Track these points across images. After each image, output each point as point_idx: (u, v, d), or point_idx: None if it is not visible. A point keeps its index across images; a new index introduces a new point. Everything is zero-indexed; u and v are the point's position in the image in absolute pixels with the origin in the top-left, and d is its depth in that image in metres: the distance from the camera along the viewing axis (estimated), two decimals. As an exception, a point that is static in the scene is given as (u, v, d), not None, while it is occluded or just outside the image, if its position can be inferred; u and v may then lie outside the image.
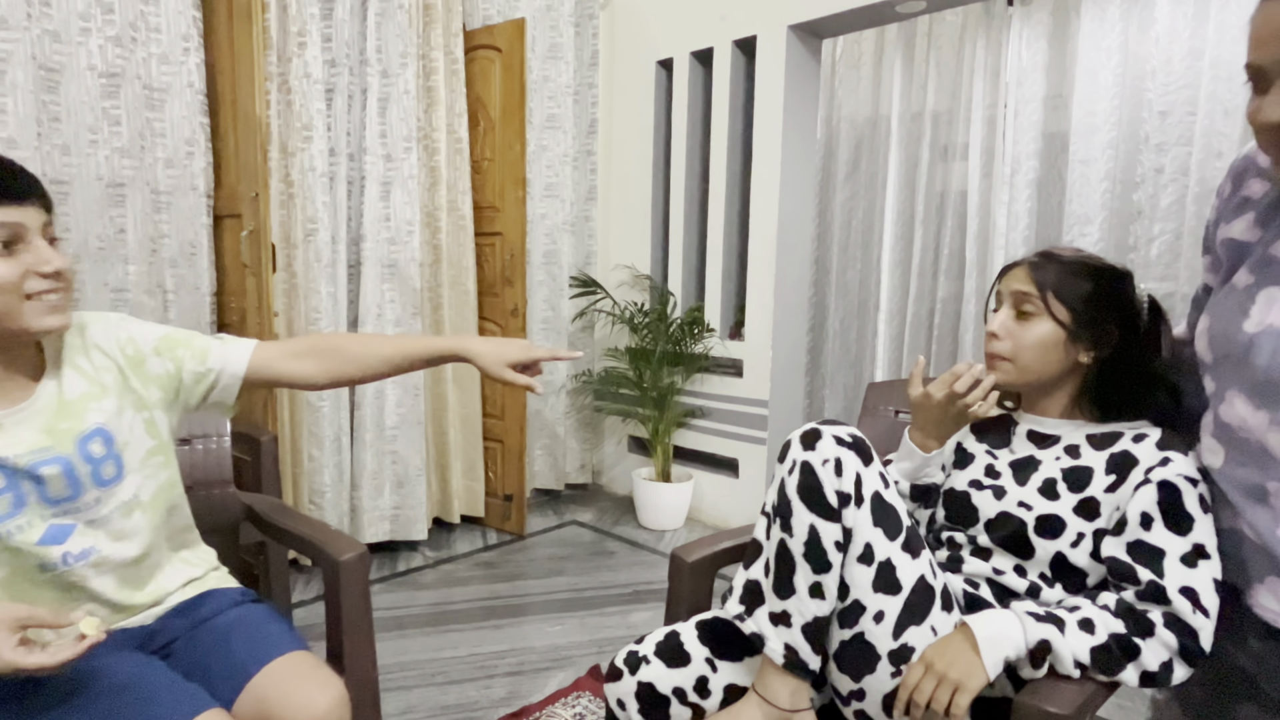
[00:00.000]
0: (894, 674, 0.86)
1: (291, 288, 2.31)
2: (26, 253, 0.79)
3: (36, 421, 0.84)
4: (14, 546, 0.82)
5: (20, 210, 0.78)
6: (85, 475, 0.86)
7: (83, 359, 0.90)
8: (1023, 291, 0.97)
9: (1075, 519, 0.92)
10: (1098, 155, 2.50)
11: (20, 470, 0.81)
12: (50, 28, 1.87)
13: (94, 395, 0.89)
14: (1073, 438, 0.99)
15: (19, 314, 0.79)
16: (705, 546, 1.15)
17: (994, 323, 0.99)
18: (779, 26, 2.68)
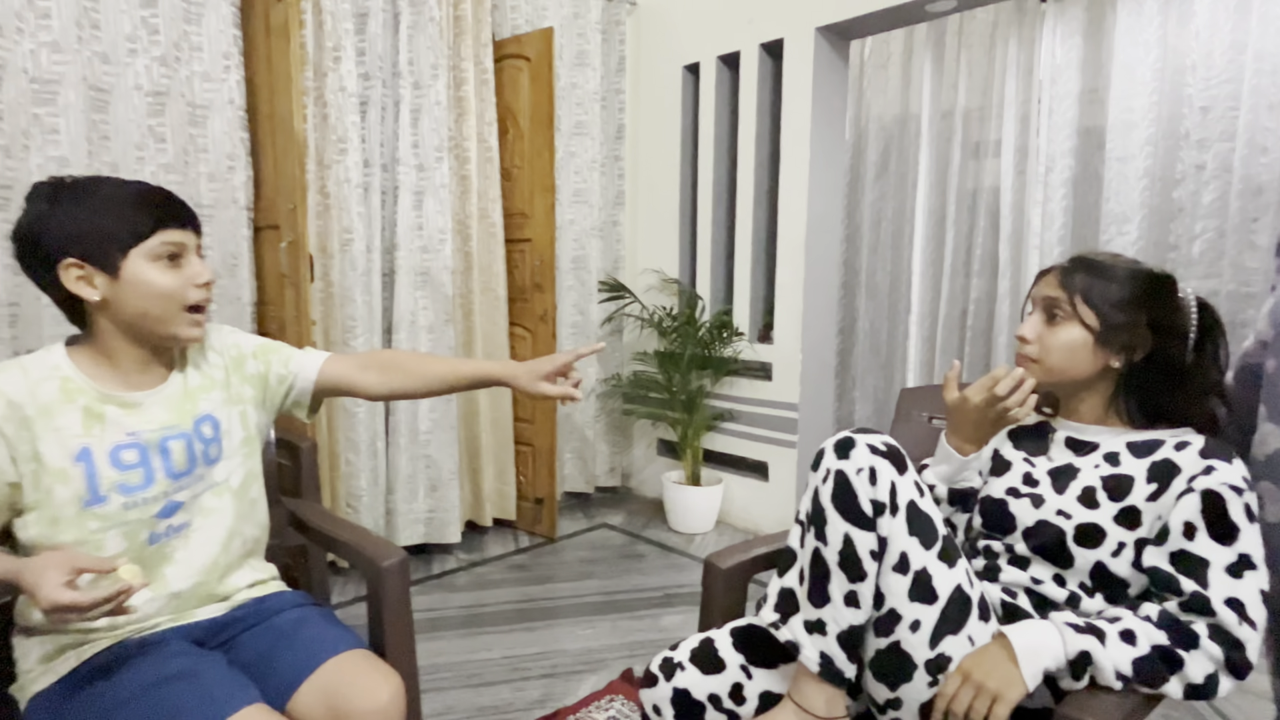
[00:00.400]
0: (931, 683, 0.86)
1: (328, 297, 2.37)
2: (187, 267, 0.93)
3: (168, 404, 0.98)
4: (136, 519, 0.93)
5: (183, 233, 0.93)
6: (199, 452, 0.99)
7: (201, 358, 1.05)
8: (1052, 297, 0.97)
9: (1116, 528, 0.91)
10: (1136, 152, 2.45)
11: (153, 444, 0.95)
12: (99, 49, 1.95)
13: (206, 387, 1.03)
14: (1112, 445, 0.97)
15: (174, 321, 0.93)
16: (739, 553, 1.15)
17: (1024, 327, 1.00)
18: (806, 29, 2.67)
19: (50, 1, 1.84)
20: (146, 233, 0.90)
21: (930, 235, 3.10)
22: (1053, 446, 1.04)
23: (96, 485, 0.90)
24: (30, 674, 0.91)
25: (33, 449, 0.88)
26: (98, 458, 0.90)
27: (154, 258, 0.90)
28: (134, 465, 0.93)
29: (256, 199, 2.28)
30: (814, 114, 2.70)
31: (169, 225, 0.91)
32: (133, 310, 0.91)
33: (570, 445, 3.20)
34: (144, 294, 0.90)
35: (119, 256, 0.89)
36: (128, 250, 0.89)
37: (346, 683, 0.93)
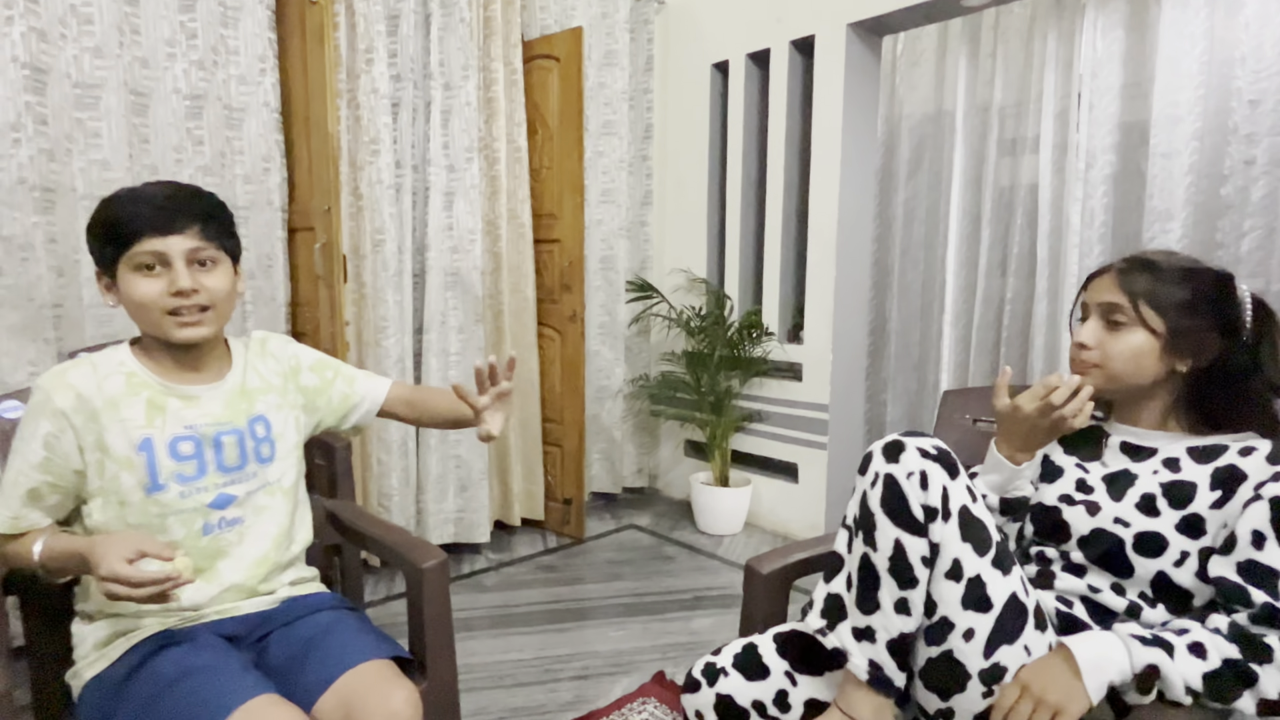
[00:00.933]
0: (985, 694, 0.83)
1: (360, 297, 2.39)
2: (167, 275, 0.94)
3: (224, 399, 1.03)
4: (191, 508, 0.98)
5: (164, 239, 0.93)
6: (251, 450, 1.04)
7: (261, 363, 1.11)
8: (1111, 302, 0.93)
9: (1178, 537, 0.87)
10: (1181, 147, 2.37)
11: (207, 438, 1.00)
12: (139, 54, 1.98)
13: (264, 390, 1.08)
14: (1171, 450, 0.94)
15: (161, 326, 0.96)
16: (780, 558, 1.13)
17: (1083, 333, 0.96)
18: (838, 25, 2.64)
19: (93, 7, 1.87)
20: (127, 243, 0.93)
21: (965, 234, 3.04)
22: (1106, 451, 1.01)
23: (156, 473, 0.96)
24: (86, 660, 0.96)
25: (99, 439, 0.94)
26: (158, 448, 0.96)
27: (134, 267, 0.94)
28: (189, 456, 0.99)
29: (291, 201, 2.31)
30: (845, 112, 2.66)
31: (146, 235, 0.93)
32: (132, 316, 0.97)
33: (598, 446, 3.20)
34: (131, 302, 0.95)
35: (114, 267, 0.95)
36: (116, 261, 0.94)
37: (363, 691, 0.94)
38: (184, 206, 0.96)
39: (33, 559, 0.91)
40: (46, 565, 0.91)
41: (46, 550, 0.91)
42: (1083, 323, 0.99)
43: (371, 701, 0.93)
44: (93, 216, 0.96)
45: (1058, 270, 2.70)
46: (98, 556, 0.83)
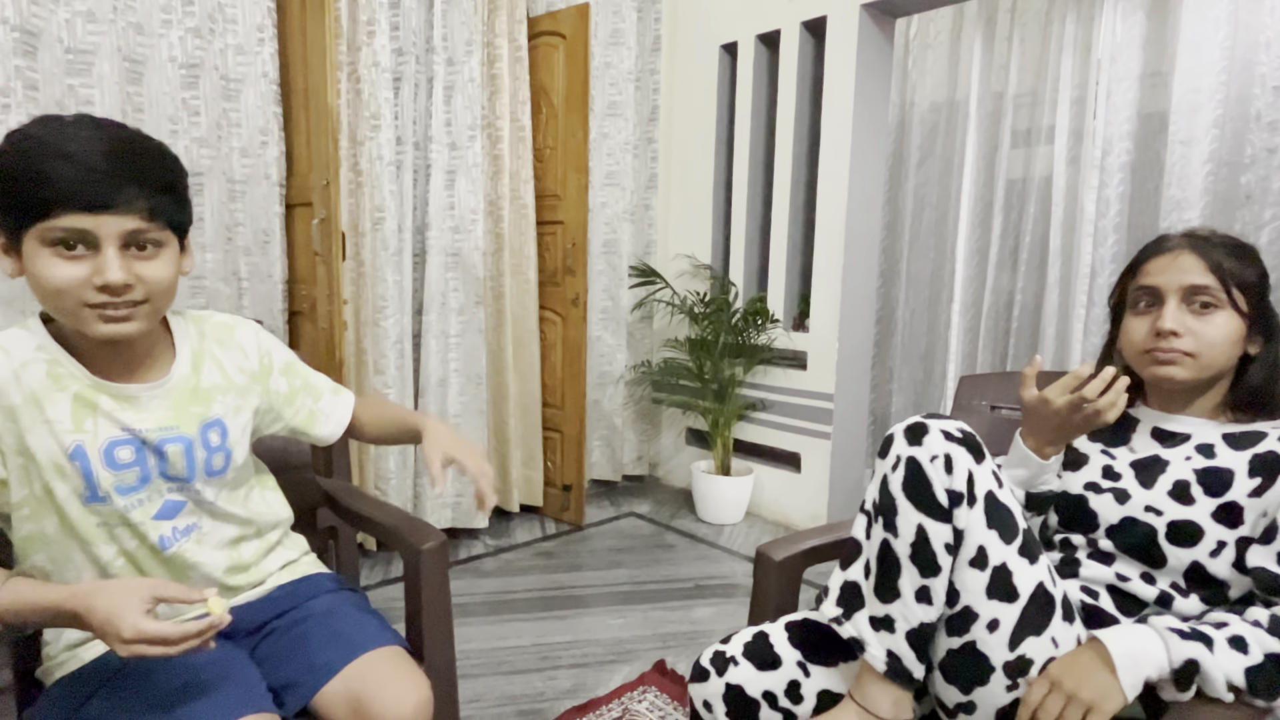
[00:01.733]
0: (1009, 687, 0.79)
1: (359, 275, 2.34)
2: (94, 259, 0.75)
3: (169, 400, 0.88)
4: (134, 521, 0.85)
5: (94, 219, 0.73)
6: (200, 461, 0.89)
7: (223, 353, 0.95)
8: (1198, 284, 0.86)
9: (1215, 526, 0.83)
10: (1201, 135, 2.32)
11: (149, 444, 0.85)
12: (134, 20, 1.92)
13: (224, 388, 0.93)
14: (1206, 436, 0.90)
15: (78, 319, 0.77)
16: (792, 544, 1.09)
17: (1169, 319, 0.87)
18: (851, 6, 2.57)
19: (86, -30, 1.81)
20: (41, 214, 0.72)
21: (976, 222, 2.99)
22: (1135, 437, 0.97)
23: (95, 485, 0.81)
24: (55, 660, 0.87)
25: (19, 442, 0.78)
26: (92, 457, 0.81)
27: (48, 242, 0.73)
28: (129, 464, 0.84)
29: (289, 175, 2.25)
30: (857, 96, 2.60)
31: (70, 209, 0.72)
32: (40, 298, 0.77)
33: (598, 433, 3.16)
34: (37, 283, 0.75)
35: (20, 233, 0.74)
36: (23, 228, 0.73)
37: (374, 685, 0.88)
38: (129, 172, 0.75)
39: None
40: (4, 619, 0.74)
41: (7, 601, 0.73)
42: (1139, 310, 0.92)
43: (384, 698, 0.87)
44: (12, 158, 0.73)
45: (1070, 260, 2.65)
46: (102, 612, 0.69)
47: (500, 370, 2.73)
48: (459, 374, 2.55)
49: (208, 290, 2.12)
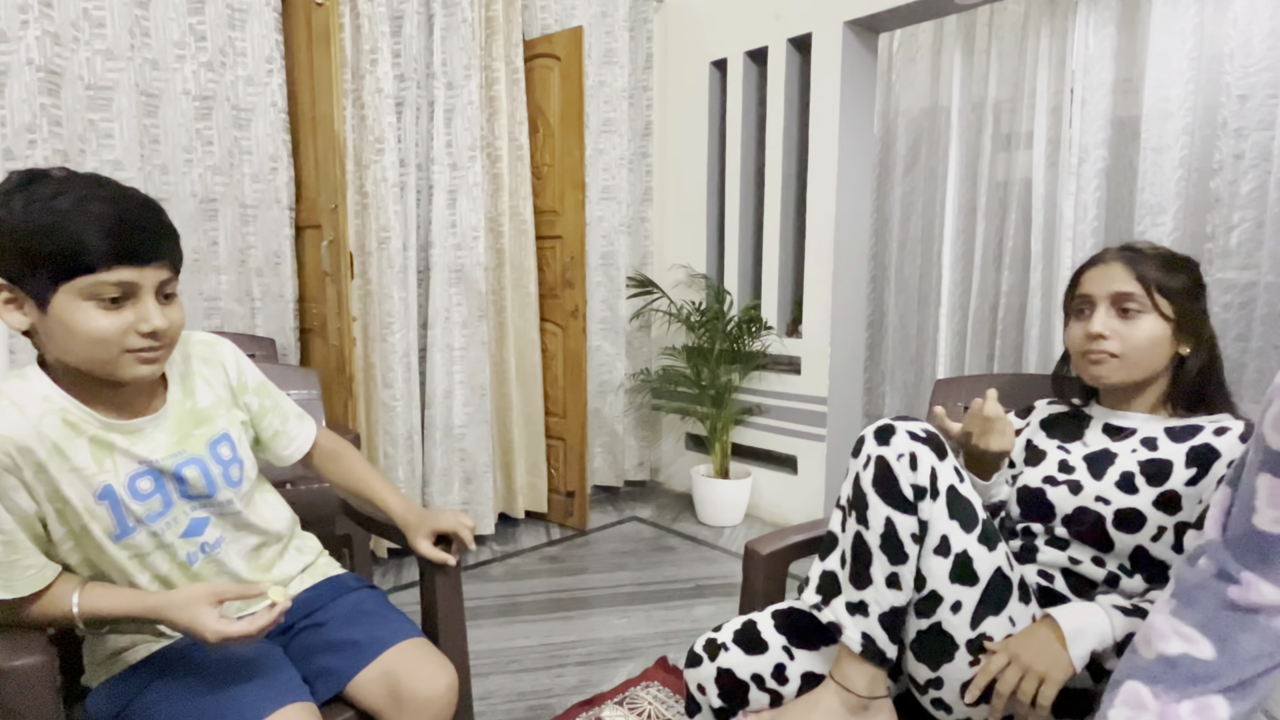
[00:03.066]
0: (972, 663, 0.88)
1: (366, 294, 2.43)
2: (133, 309, 0.81)
3: (169, 426, 0.93)
4: (167, 542, 0.92)
5: (138, 271, 0.80)
6: (218, 475, 0.95)
7: (209, 372, 1.00)
8: (1125, 291, 0.96)
9: (1156, 512, 0.92)
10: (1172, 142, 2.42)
11: (166, 472, 0.91)
12: (150, 56, 2.02)
13: (222, 403, 1.00)
14: (1150, 430, 0.99)
15: (115, 365, 0.82)
16: (778, 539, 1.18)
17: (1096, 323, 0.97)
18: (835, 23, 2.67)
19: (105, 11, 1.91)
20: (87, 268, 0.76)
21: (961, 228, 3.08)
22: (1088, 432, 1.05)
23: (124, 519, 0.87)
24: (103, 665, 0.94)
25: (53, 490, 0.82)
26: (119, 493, 0.86)
27: (87, 296, 0.77)
28: (151, 493, 0.89)
29: (298, 199, 2.35)
30: (843, 108, 2.70)
31: (119, 263, 0.77)
32: (60, 349, 0.80)
33: (600, 439, 3.24)
34: (73, 336, 0.78)
35: (49, 288, 0.76)
36: (59, 283, 0.76)
37: (409, 669, 0.97)
38: (161, 228, 0.82)
39: (68, 611, 0.82)
40: (86, 619, 0.83)
41: (87, 603, 0.82)
42: (1080, 316, 1.01)
43: (418, 680, 0.96)
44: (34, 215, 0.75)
45: (1051, 263, 2.74)
46: (182, 625, 0.80)
47: (503, 381, 2.82)
48: (464, 386, 2.64)
49: (222, 311, 2.21)
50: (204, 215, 2.14)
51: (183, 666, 0.91)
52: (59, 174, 0.79)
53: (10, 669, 0.79)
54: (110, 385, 0.85)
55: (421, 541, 1.08)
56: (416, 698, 0.95)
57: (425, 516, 1.10)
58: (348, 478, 1.17)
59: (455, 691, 1.00)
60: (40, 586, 0.83)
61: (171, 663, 0.92)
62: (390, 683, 0.96)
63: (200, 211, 2.13)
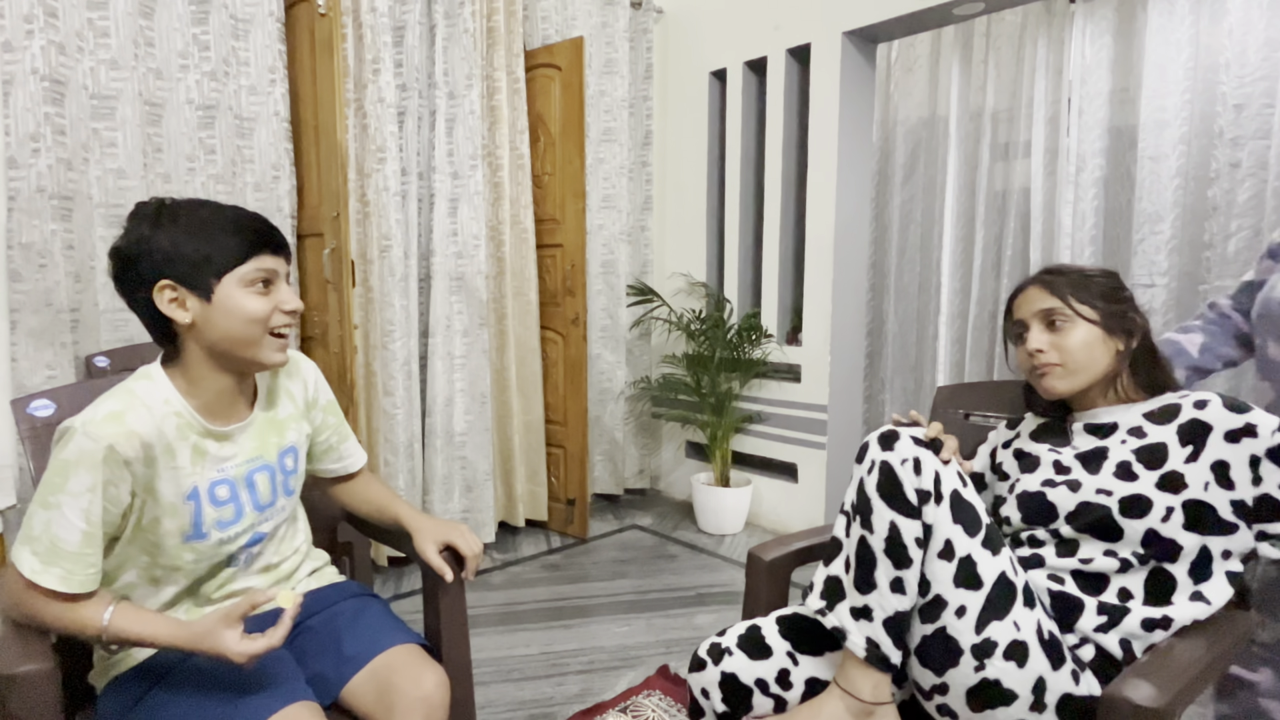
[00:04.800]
0: (976, 668, 0.88)
1: (368, 301, 2.44)
2: (276, 293, 0.93)
3: (253, 433, 1.01)
4: (227, 552, 0.97)
5: (275, 259, 0.93)
6: (280, 484, 1.03)
7: (291, 385, 1.08)
8: (1047, 308, 1.03)
9: (1160, 494, 0.93)
10: (1169, 151, 2.43)
11: (240, 479, 0.98)
12: (154, 66, 2.03)
13: (295, 417, 1.07)
14: (1130, 420, 1.01)
15: (259, 345, 0.93)
16: (781, 546, 1.18)
17: (1032, 341, 1.04)
18: (833, 33, 2.70)
19: (110, 21, 1.93)
20: (241, 258, 0.90)
21: (959, 237, 3.10)
22: (1075, 436, 1.06)
23: (201, 522, 0.93)
24: (110, 660, 0.96)
25: (150, 484, 0.89)
26: (203, 496, 0.94)
27: (247, 283, 0.90)
28: (226, 501, 0.96)
29: (300, 207, 2.36)
30: (841, 118, 2.72)
31: (263, 251, 0.91)
32: (220, 333, 0.90)
33: (600, 447, 3.24)
34: (234, 317, 0.90)
35: (213, 280, 0.89)
36: (222, 274, 0.89)
37: (396, 671, 0.99)
38: (276, 228, 0.97)
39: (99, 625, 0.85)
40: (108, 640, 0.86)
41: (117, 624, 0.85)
42: (1019, 341, 1.08)
43: (405, 682, 0.97)
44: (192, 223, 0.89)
45: (1050, 271, 2.75)
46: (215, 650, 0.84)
47: (504, 389, 2.83)
48: (464, 394, 2.64)
49: (224, 319, 2.21)
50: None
51: (189, 667, 0.92)
52: (175, 199, 0.92)
53: (14, 676, 0.79)
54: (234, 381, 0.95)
55: (429, 546, 1.09)
56: (405, 699, 0.97)
57: (438, 525, 1.12)
58: (365, 499, 1.20)
59: (445, 691, 1.00)
60: (91, 589, 0.87)
61: (177, 662, 0.93)
62: (379, 685, 0.98)
63: (202, 220, 2.14)
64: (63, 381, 1.89)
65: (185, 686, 0.91)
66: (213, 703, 0.88)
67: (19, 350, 1.84)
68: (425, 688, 0.98)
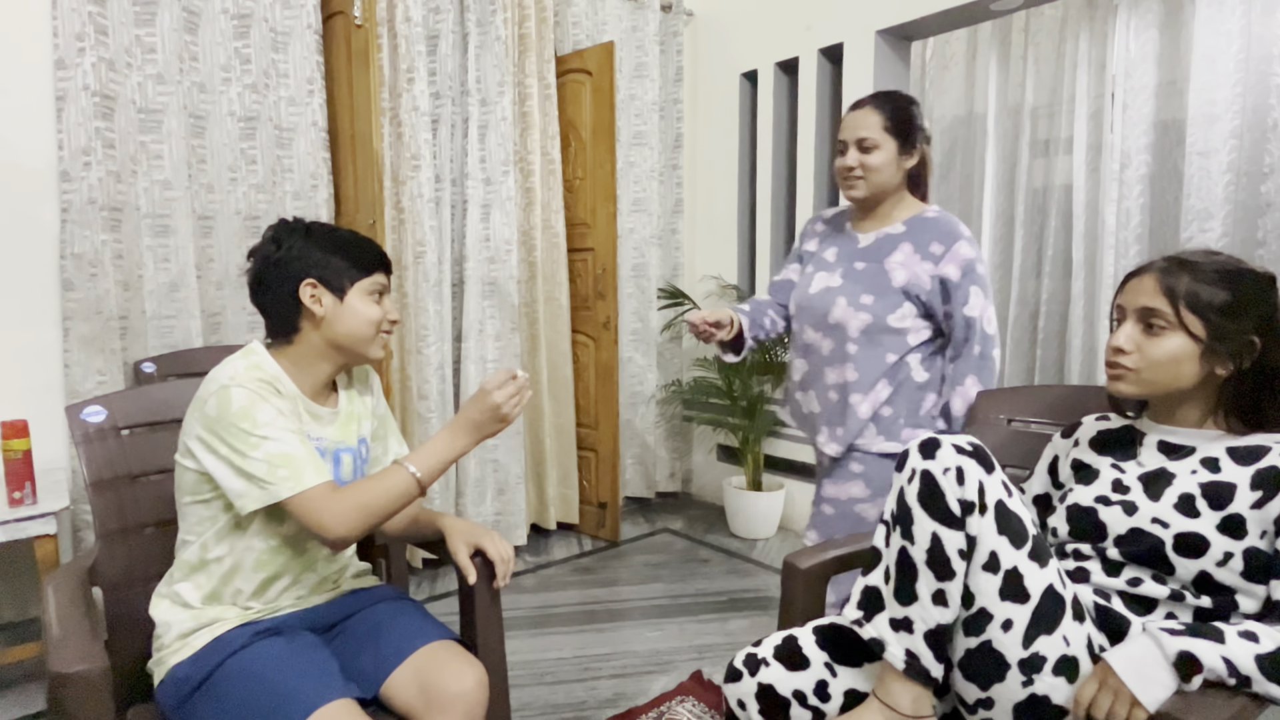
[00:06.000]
0: (1025, 683, 0.85)
1: (402, 307, 2.47)
2: (385, 304, 1.11)
3: (340, 420, 1.14)
4: None
5: (387, 278, 1.12)
6: (359, 466, 1.15)
7: (362, 388, 1.23)
8: (1150, 307, 0.93)
9: (1220, 537, 0.88)
10: (1219, 146, 2.35)
11: (329, 455, 1.10)
12: (198, 80, 2.09)
13: (365, 416, 1.20)
14: (1210, 450, 0.94)
15: (370, 343, 1.10)
16: (818, 554, 1.16)
17: (1118, 337, 0.95)
18: (867, 32, 2.66)
19: (156, 37, 1.99)
20: (368, 272, 1.08)
21: (998, 236, 3.03)
22: (1143, 451, 1.01)
23: None
24: (169, 649, 1.01)
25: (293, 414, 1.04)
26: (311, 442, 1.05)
27: (368, 292, 1.09)
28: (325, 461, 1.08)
29: (337, 215, 2.40)
30: (875, 117, 2.67)
31: (380, 270, 1.11)
32: (343, 329, 1.07)
33: (631, 451, 3.24)
34: (357, 317, 1.07)
35: (348, 285, 1.07)
36: (354, 282, 1.07)
37: (438, 667, 1.02)
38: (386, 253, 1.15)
39: (409, 481, 1.00)
40: (427, 483, 1.03)
41: (423, 469, 1.01)
42: (1119, 325, 0.98)
43: (445, 677, 1.01)
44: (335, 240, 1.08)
45: (1094, 271, 2.68)
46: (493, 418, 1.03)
47: (536, 393, 2.84)
48: (497, 397, 2.66)
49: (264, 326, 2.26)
50: (247, 232, 2.19)
51: (238, 660, 0.96)
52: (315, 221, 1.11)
53: (69, 675, 0.82)
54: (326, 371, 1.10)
55: (461, 547, 1.13)
56: (445, 694, 0.99)
57: (471, 528, 1.16)
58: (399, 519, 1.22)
59: (484, 688, 1.03)
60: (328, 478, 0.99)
61: (228, 655, 0.97)
62: (420, 680, 1.01)
63: (244, 229, 2.19)
64: (112, 387, 1.95)
65: (235, 680, 0.94)
66: (261, 696, 0.92)
67: (71, 357, 1.90)
68: (466, 683, 1.01)
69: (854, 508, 1.49)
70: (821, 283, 1.48)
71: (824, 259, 1.52)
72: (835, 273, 1.48)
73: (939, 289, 1.40)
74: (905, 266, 1.41)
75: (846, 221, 1.54)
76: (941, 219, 1.44)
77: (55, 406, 1.91)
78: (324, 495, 0.96)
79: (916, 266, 1.41)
